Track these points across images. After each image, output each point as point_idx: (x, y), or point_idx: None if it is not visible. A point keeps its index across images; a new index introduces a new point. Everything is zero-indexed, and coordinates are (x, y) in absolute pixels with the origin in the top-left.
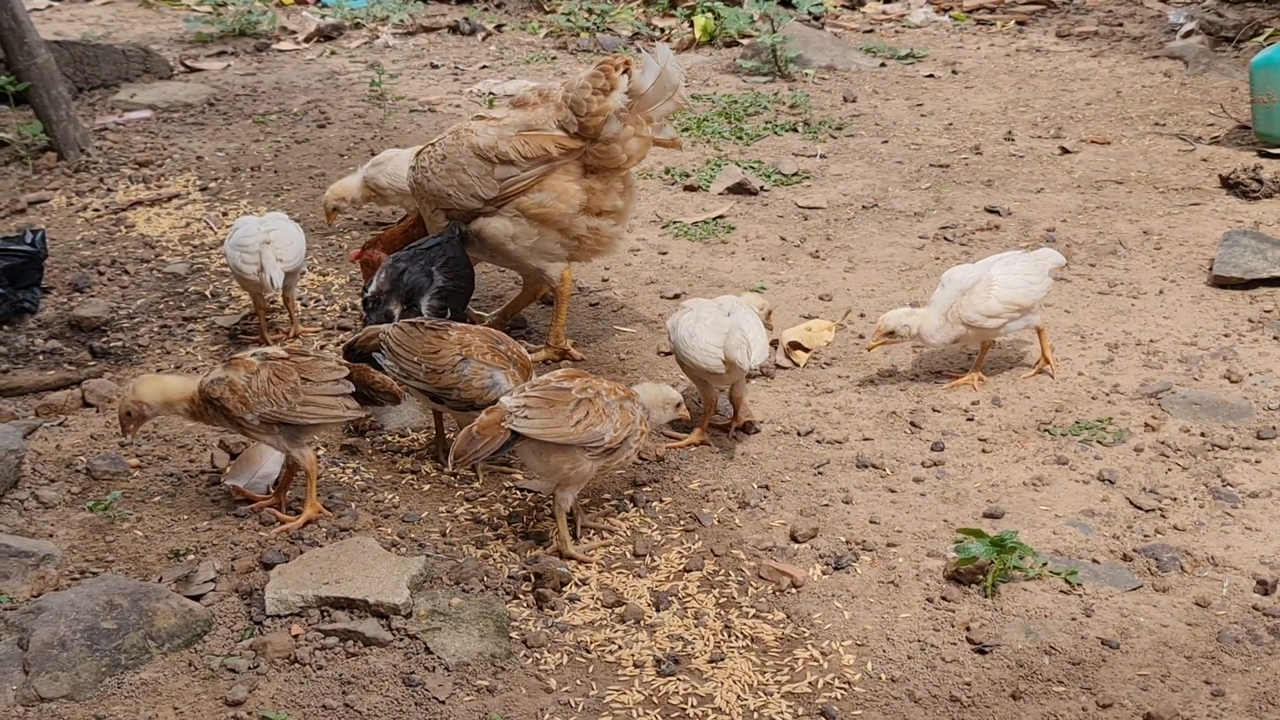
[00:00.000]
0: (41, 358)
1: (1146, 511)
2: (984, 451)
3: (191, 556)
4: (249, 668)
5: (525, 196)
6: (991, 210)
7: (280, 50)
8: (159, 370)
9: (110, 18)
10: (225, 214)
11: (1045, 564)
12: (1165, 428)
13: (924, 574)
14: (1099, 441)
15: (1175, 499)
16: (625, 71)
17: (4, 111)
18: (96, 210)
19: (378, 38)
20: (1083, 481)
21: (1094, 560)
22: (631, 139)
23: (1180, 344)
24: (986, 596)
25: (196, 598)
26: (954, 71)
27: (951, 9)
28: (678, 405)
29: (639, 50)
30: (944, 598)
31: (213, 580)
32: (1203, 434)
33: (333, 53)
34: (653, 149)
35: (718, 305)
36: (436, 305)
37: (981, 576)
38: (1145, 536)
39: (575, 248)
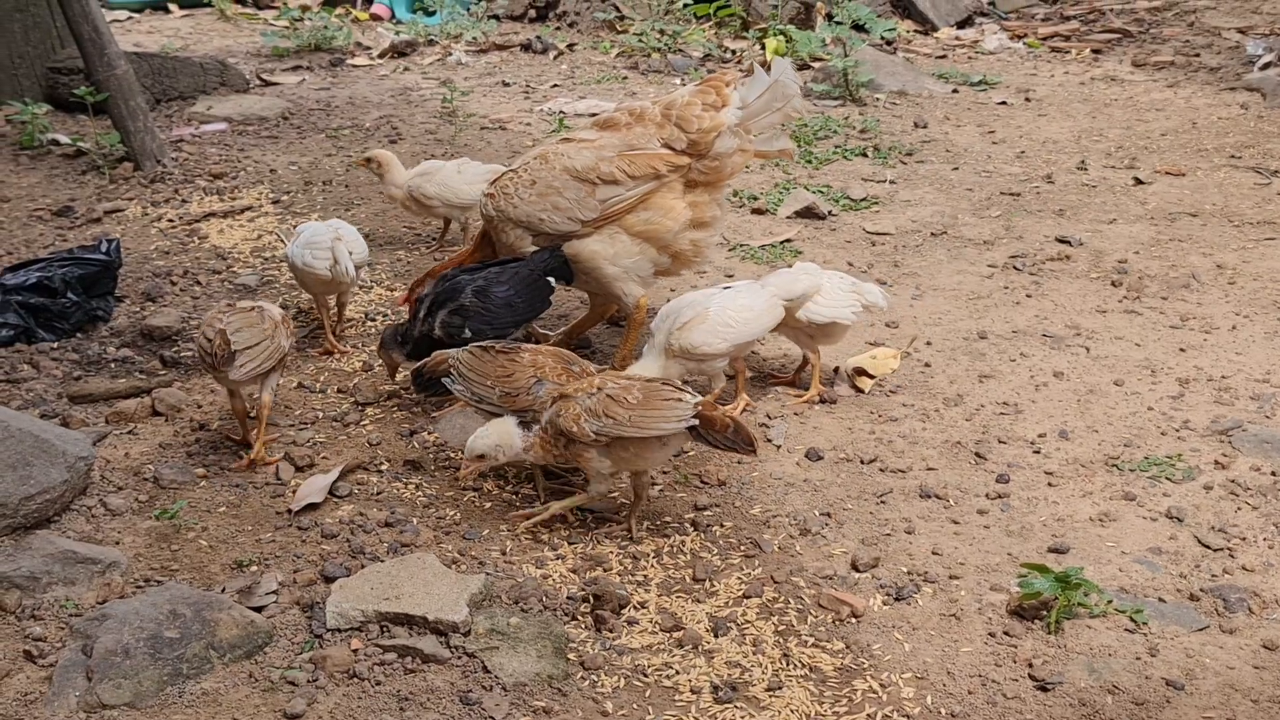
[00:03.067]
0: (113, 366)
1: (1215, 551)
2: (1050, 485)
3: (254, 568)
4: (308, 681)
5: (631, 215)
6: (1063, 240)
7: (354, 65)
8: None
9: (189, 30)
10: (295, 227)
11: (1110, 601)
12: (1235, 466)
13: (986, 608)
14: (1168, 478)
15: (1244, 539)
16: (735, 87)
17: (83, 121)
18: (171, 221)
19: (450, 55)
20: (1150, 518)
21: (1160, 599)
22: (736, 153)
23: (1252, 381)
24: (1050, 633)
25: (258, 609)
26: (1027, 99)
27: (1026, 36)
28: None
29: (745, 70)
30: (1006, 633)
31: (275, 592)
32: (1274, 473)
33: (406, 69)
34: (764, 161)
35: (746, 285)
36: (451, 322)
37: (1045, 612)
38: (1213, 576)
39: (669, 265)
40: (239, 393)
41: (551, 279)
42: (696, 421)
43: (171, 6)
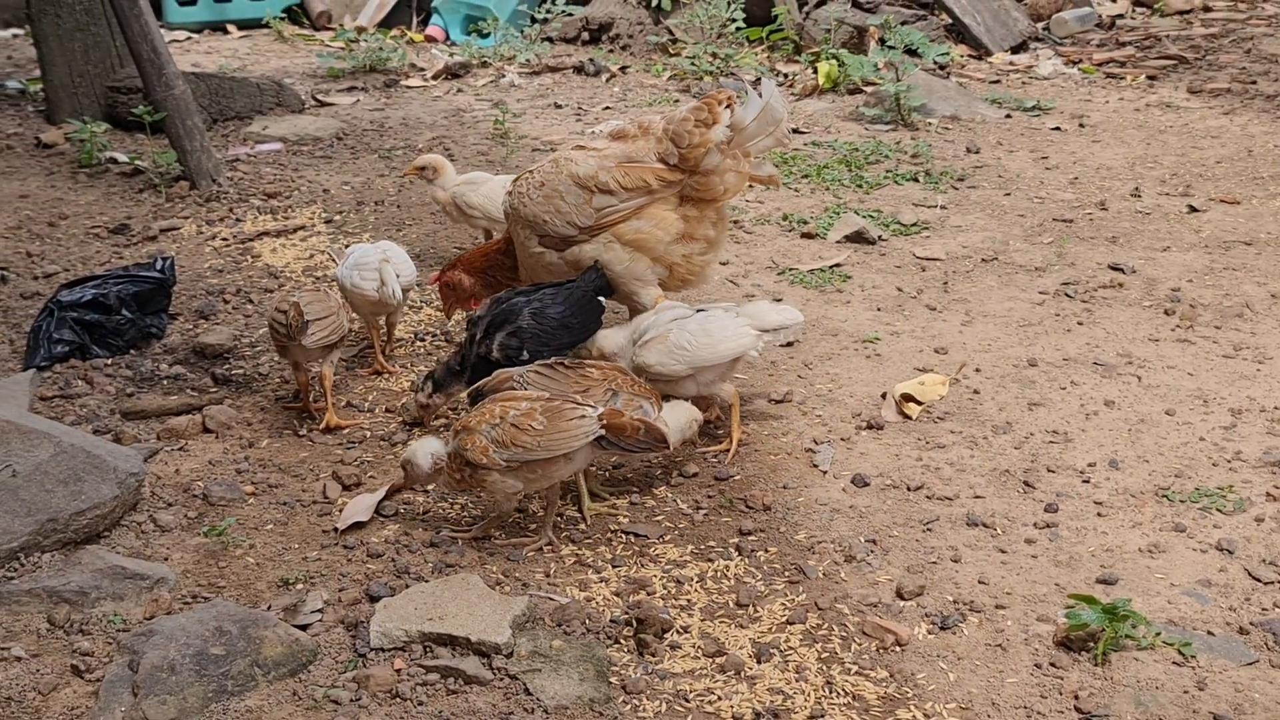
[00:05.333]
0: (165, 383)
1: (1265, 584)
2: (1099, 515)
3: (300, 586)
4: (351, 700)
5: (624, 225)
6: (1115, 268)
7: (408, 87)
8: (278, 399)
9: (246, 51)
10: (347, 246)
11: (1159, 634)
12: None
13: (1033, 638)
14: (1218, 510)
15: None
16: (728, 106)
17: (141, 140)
18: (225, 239)
19: (504, 76)
20: (1200, 550)
21: (1209, 632)
22: (729, 173)
23: None
24: (1097, 665)
25: (303, 627)
26: (1081, 125)
27: (1081, 61)
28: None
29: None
30: (1053, 664)
31: (320, 611)
32: None
33: (459, 90)
34: (755, 187)
35: (720, 310)
36: (509, 344)
37: (1092, 644)
38: (1263, 610)
39: (666, 276)
40: (304, 366)
41: (601, 298)
42: (603, 432)
43: (230, 27)
